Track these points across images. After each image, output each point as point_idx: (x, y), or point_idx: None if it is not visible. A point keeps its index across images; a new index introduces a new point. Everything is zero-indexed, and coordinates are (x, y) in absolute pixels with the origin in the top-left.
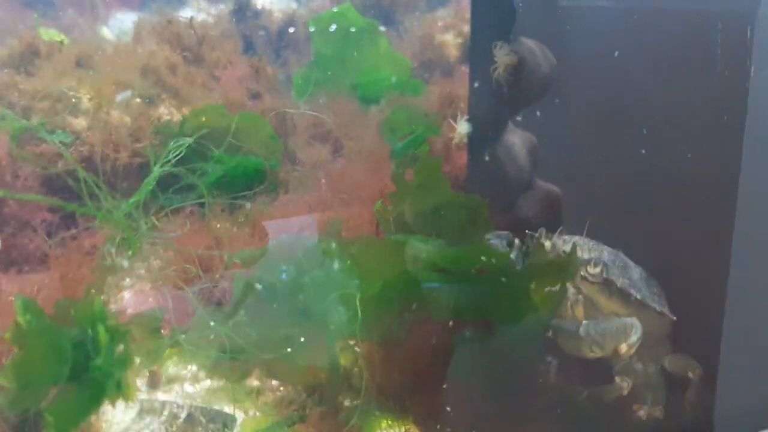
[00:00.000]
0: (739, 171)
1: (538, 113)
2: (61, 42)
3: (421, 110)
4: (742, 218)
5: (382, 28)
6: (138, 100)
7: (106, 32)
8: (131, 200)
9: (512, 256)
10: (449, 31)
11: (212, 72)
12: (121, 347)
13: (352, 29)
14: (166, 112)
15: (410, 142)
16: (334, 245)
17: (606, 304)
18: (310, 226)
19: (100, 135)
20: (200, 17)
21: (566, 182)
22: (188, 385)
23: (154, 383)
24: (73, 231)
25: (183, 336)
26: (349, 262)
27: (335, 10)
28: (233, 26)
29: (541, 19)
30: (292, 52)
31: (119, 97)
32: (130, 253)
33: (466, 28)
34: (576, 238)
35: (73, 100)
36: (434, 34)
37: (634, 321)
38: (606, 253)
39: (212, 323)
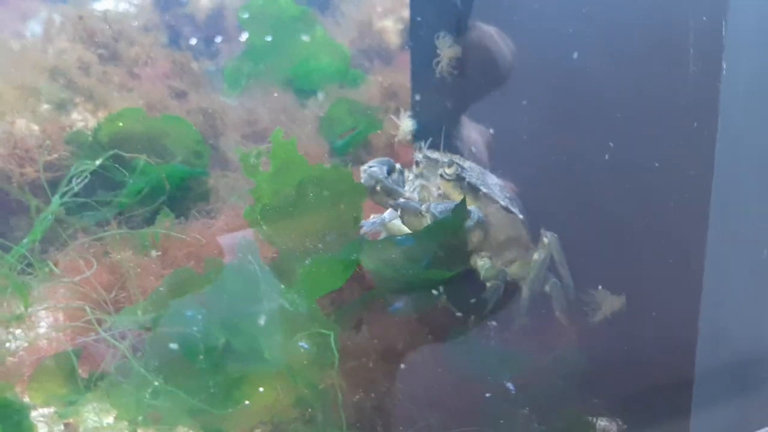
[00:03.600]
0: (712, 174)
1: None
2: None
3: (362, 104)
4: (716, 225)
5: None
6: (47, 106)
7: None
8: (24, 241)
9: (394, 178)
10: (389, 16)
11: (131, 70)
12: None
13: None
14: (80, 117)
15: (351, 139)
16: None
17: (458, 198)
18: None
19: (3, 148)
20: (121, 7)
21: (524, 184)
22: None
23: None
24: None
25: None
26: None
27: None
28: (157, 16)
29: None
30: (223, 41)
31: None
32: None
33: (407, 13)
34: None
35: None
36: (373, 20)
37: (474, 208)
38: (467, 162)
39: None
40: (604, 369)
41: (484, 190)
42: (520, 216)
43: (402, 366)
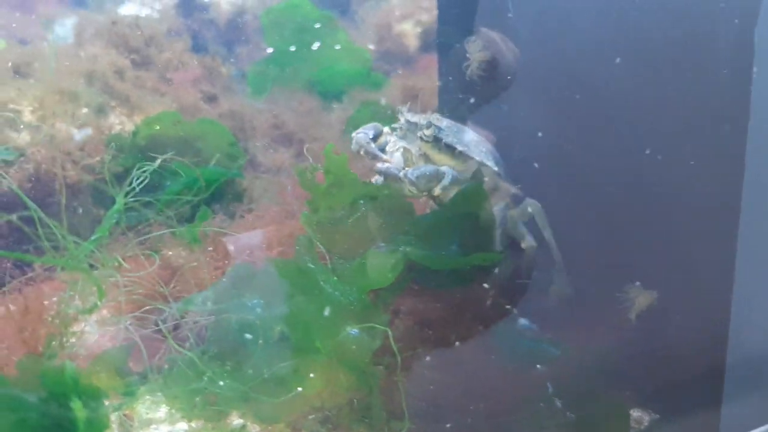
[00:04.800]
0: (743, 174)
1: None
2: None
3: (386, 107)
4: (746, 223)
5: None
6: (85, 110)
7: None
8: (93, 237)
9: (381, 142)
10: (407, 20)
11: (163, 74)
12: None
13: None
14: (117, 121)
15: None
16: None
17: (438, 158)
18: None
19: (46, 151)
20: (143, 12)
21: (563, 184)
22: (165, 427)
23: (125, 428)
24: (30, 274)
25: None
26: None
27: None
28: (180, 22)
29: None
30: (244, 46)
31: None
32: (96, 300)
33: (425, 17)
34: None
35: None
36: (392, 24)
37: (447, 169)
38: (445, 122)
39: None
40: (637, 361)
41: (460, 148)
42: (495, 168)
43: (434, 353)
